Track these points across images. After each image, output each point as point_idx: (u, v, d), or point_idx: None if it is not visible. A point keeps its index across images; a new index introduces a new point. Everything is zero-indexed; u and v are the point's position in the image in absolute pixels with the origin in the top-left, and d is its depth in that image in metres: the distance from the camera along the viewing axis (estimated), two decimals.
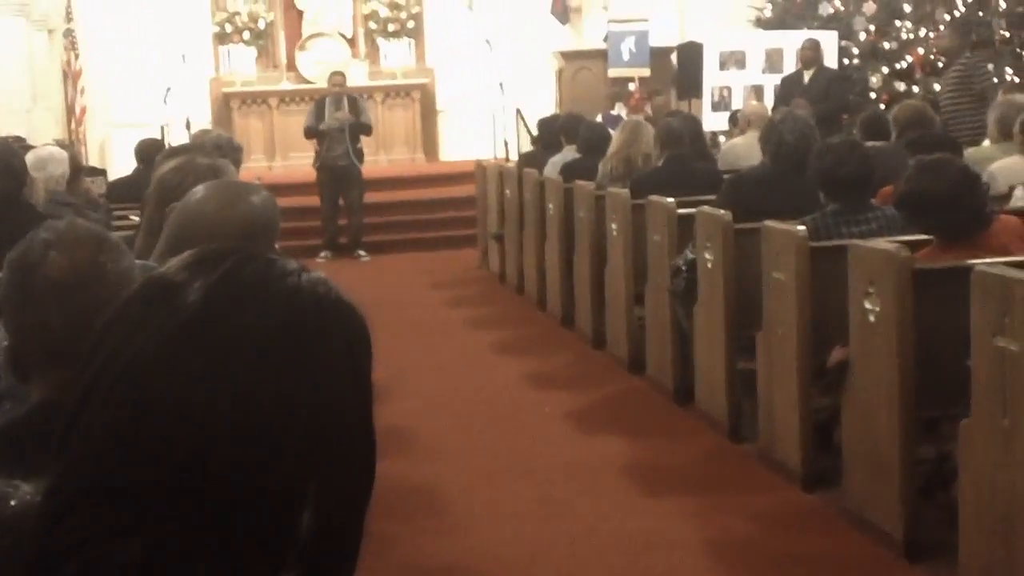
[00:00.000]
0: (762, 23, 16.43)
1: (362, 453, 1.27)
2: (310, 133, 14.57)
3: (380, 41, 19.18)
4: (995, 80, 12.49)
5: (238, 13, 18.80)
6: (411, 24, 19.19)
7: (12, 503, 1.34)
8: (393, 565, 5.17)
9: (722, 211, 6.59)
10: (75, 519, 1.17)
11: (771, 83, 14.52)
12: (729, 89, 15.01)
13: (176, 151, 7.33)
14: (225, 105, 18.63)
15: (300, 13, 19.15)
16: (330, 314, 1.25)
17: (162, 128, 16.08)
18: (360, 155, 14.44)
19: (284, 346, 1.19)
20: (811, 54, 13.06)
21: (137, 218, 6.35)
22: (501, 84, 17.14)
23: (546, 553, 5.29)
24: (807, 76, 12.93)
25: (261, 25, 18.91)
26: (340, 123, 14.13)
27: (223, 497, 1.15)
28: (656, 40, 16.37)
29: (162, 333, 1.18)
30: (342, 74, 15.14)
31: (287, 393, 1.17)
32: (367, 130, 14.56)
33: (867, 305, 5.01)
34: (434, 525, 5.68)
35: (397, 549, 5.34)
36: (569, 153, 10.43)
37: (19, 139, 12.51)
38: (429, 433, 7.16)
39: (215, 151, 8.10)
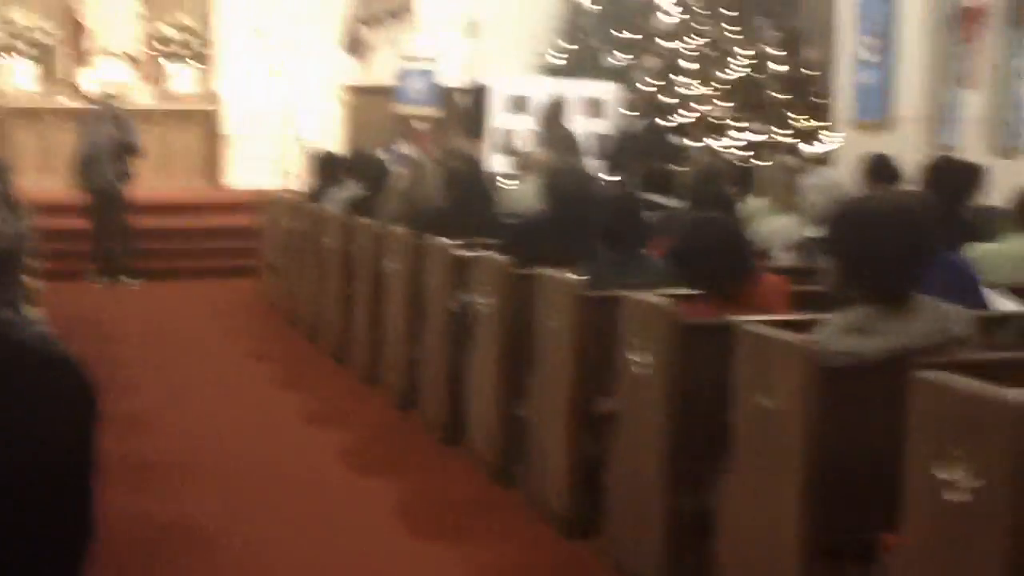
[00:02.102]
0: (549, 70, 16.72)
1: (64, 524, 1.22)
2: (78, 156, 14.13)
3: (167, 63, 18.87)
4: None
5: (20, 25, 18.30)
6: (200, 48, 18.93)
7: None
8: None
9: (500, 256, 6.64)
10: None
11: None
12: (514, 132, 15.22)
13: None
14: (3, 119, 18.08)
15: (86, 30, 18.72)
16: (43, 373, 1.20)
17: None
18: (126, 176, 14.09)
19: None
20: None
21: None
22: (287, 115, 17.03)
23: None
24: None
25: (44, 39, 18.42)
26: (107, 145, 13.79)
27: None
28: (445, 80, 16.51)
29: None
30: (107, 93, 14.90)
31: None
32: (134, 151, 14.20)
33: (635, 357, 5.10)
34: (199, 567, 5.57)
35: None
36: (353, 188, 10.40)
37: None
38: (196, 468, 7.01)
39: None
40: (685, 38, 15.24)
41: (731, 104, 14.30)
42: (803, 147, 13.96)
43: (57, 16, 18.62)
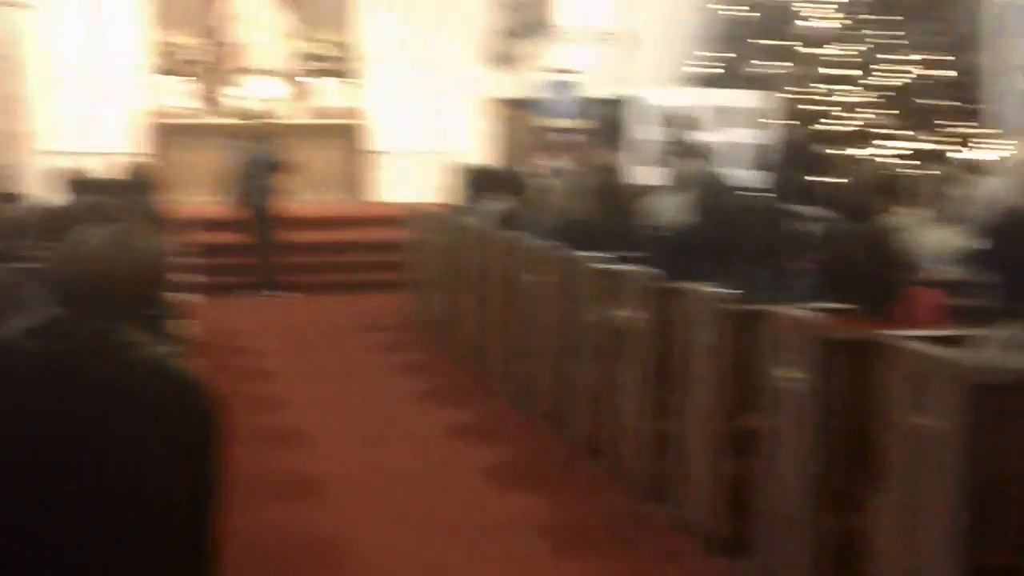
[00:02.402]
0: (696, 81, 16.57)
1: (193, 534, 1.22)
2: (230, 172, 14.44)
3: (316, 80, 19.12)
4: None
5: (175, 46, 18.70)
6: (348, 64, 19.16)
7: None
8: None
9: (649, 270, 6.57)
10: None
11: (703, 140, 14.63)
12: (672, 144, 15.10)
13: (86, 185, 7.27)
14: (157, 136, 18.48)
15: (238, 48, 19.07)
16: (165, 392, 1.21)
17: (91, 157, 15.91)
18: (277, 194, 14.33)
19: (107, 419, 1.14)
20: None
21: None
22: (435, 129, 17.13)
23: None
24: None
25: (198, 59, 18.80)
26: (257, 161, 14.05)
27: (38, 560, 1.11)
28: (590, 92, 16.43)
29: None
30: (257, 112, 15.17)
31: (103, 468, 1.12)
32: (284, 168, 14.46)
33: (782, 372, 5.00)
34: None
35: None
36: (502, 202, 10.38)
37: None
38: (343, 481, 7.06)
39: (132, 187, 8.06)
40: (837, 45, 14.98)
41: (887, 112, 14.01)
42: (962, 155, 13.62)
43: (212, 36, 18.99)
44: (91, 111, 17.17)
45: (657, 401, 6.45)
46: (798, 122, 14.83)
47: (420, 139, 17.68)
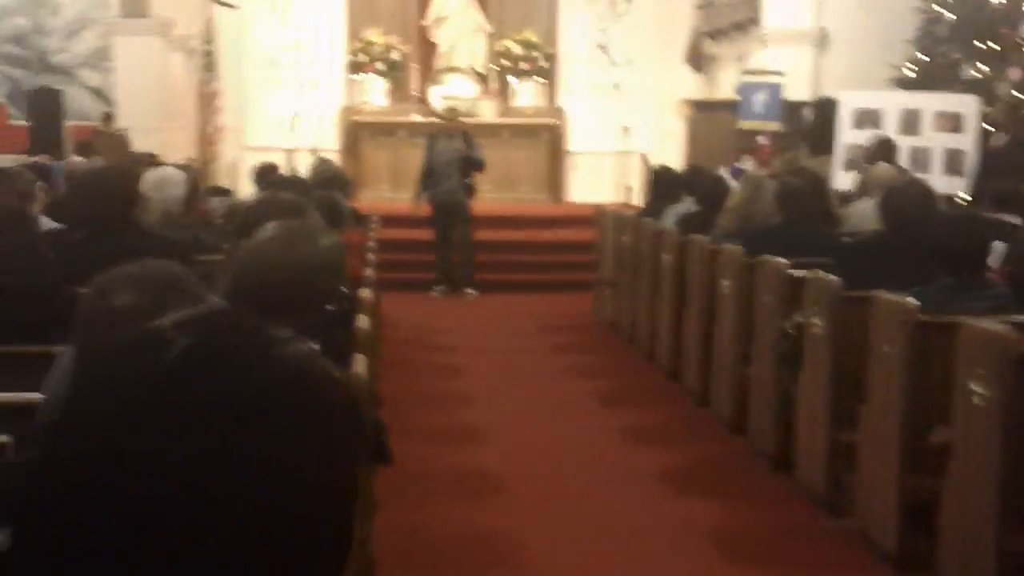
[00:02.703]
0: (901, 83, 16.14)
1: (322, 540, 1.20)
2: (426, 169, 14.45)
3: (512, 79, 19.23)
4: None
5: (373, 44, 18.99)
6: (544, 64, 19.22)
7: None
8: None
9: (833, 277, 6.41)
10: (34, 568, 1.13)
11: (906, 144, 14.27)
12: (863, 148, 14.76)
13: (275, 181, 7.39)
14: (354, 134, 18.79)
15: (434, 47, 19.29)
16: (308, 389, 1.19)
17: (288, 153, 16.26)
18: (470, 191, 14.34)
19: (251, 415, 1.13)
20: None
21: None
22: (627, 129, 17.04)
23: None
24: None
25: (395, 57, 19.07)
26: (453, 159, 14.06)
27: (179, 561, 1.10)
28: (790, 95, 16.12)
29: (136, 384, 1.14)
30: (455, 109, 15.13)
31: (245, 462, 1.11)
32: (479, 167, 14.44)
33: (973, 387, 4.83)
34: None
35: None
36: (689, 205, 10.30)
37: (152, 156, 12.69)
38: (518, 480, 7.06)
39: (326, 183, 8.17)
40: None
41: None
42: None
43: (408, 35, 19.25)
44: (294, 108, 17.52)
45: (839, 411, 6.30)
46: (1015, 128, 14.33)
47: (612, 140, 17.63)
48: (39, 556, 1.13)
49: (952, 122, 14.75)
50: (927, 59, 16.17)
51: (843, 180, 13.91)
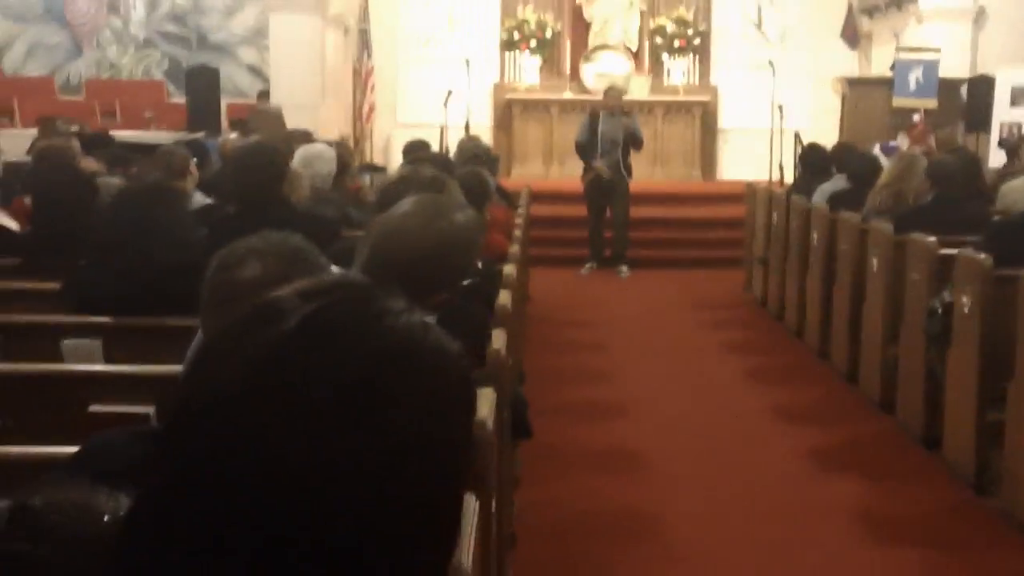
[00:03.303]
0: None
1: (442, 520, 1.20)
2: (581, 147, 14.34)
3: (664, 56, 19.13)
4: None
5: (526, 21, 19.04)
6: (697, 41, 19.09)
7: (106, 518, 1.35)
8: None
9: (983, 255, 6.32)
10: (146, 547, 1.15)
11: None
12: (1020, 126, 14.44)
13: (421, 157, 7.47)
14: (507, 111, 18.87)
15: (587, 25, 19.27)
16: (422, 362, 1.18)
17: (441, 129, 16.39)
18: (629, 170, 14.26)
19: (362, 392, 1.13)
20: None
21: None
22: (781, 107, 16.85)
23: None
24: None
25: (548, 35, 19.10)
26: (613, 136, 13.98)
27: (284, 552, 1.11)
28: (946, 72, 15.79)
29: (253, 361, 1.15)
30: (619, 87, 15.02)
31: (361, 443, 1.12)
32: (639, 144, 14.36)
33: None
34: (655, 553, 5.61)
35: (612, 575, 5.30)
36: (839, 182, 10.18)
37: (307, 133, 12.89)
38: (660, 457, 7.08)
39: (472, 159, 8.24)
40: None
41: None
42: None
43: (561, 12, 19.26)
44: (447, 85, 17.64)
45: (988, 390, 6.21)
46: None
47: (766, 117, 17.44)
48: (154, 529, 1.17)
49: None
50: None
51: (999, 158, 13.63)
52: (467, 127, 16.32)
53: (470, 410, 1.26)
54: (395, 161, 16.07)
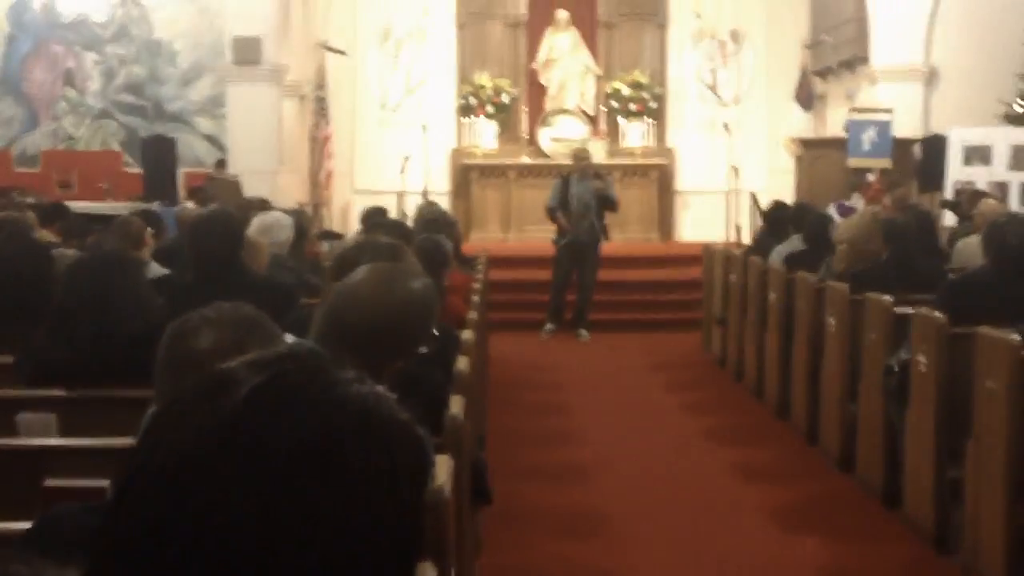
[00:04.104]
0: (1011, 119, 15.92)
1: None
2: (553, 212, 14.19)
3: (621, 120, 19.27)
4: None
5: (483, 86, 19.16)
6: (653, 104, 19.25)
7: None
8: None
9: (937, 314, 6.37)
10: None
11: (1016, 180, 14.10)
12: (972, 184, 14.59)
13: (378, 224, 7.48)
14: (465, 176, 18.95)
15: (543, 89, 19.41)
16: (374, 431, 1.19)
17: (398, 195, 16.43)
18: (606, 232, 14.20)
19: (315, 460, 1.14)
20: None
21: None
22: (736, 168, 16.98)
23: None
24: None
25: (505, 99, 19.22)
26: (584, 198, 13.93)
27: None
28: (899, 131, 15.97)
29: (202, 430, 1.16)
30: (586, 149, 14.99)
31: (312, 511, 1.12)
32: (614, 206, 14.34)
33: None
34: None
35: None
36: (795, 243, 10.26)
37: (264, 201, 12.89)
38: (624, 518, 7.07)
39: (430, 225, 8.26)
40: None
41: None
42: None
43: (517, 77, 19.40)
44: (404, 151, 17.71)
45: (947, 447, 6.25)
46: None
47: (722, 179, 17.59)
48: None
49: None
50: None
51: (952, 217, 13.77)
52: (425, 193, 16.37)
53: (423, 478, 1.27)
54: (353, 227, 16.10)
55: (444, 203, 16.64)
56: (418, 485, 1.26)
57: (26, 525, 2.30)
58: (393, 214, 13.12)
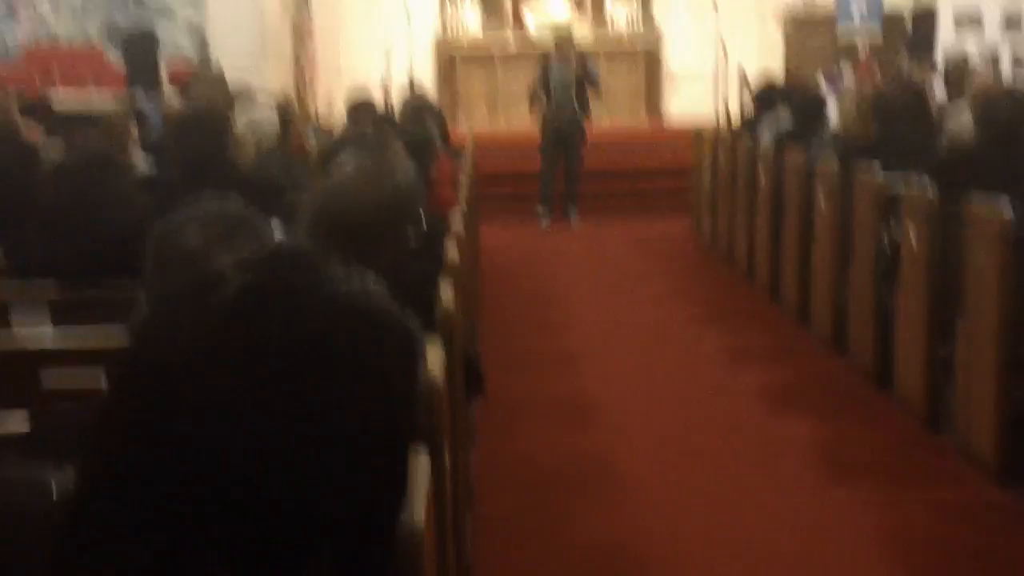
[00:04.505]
0: None
1: (383, 477, 1.21)
2: (535, 96, 14.14)
3: (607, 1, 19.05)
4: None
5: None
6: None
7: (55, 494, 1.34)
8: (564, 540, 5.15)
9: (928, 191, 6.34)
10: (95, 515, 1.15)
11: (1008, 43, 13.97)
12: (963, 54, 14.46)
13: (363, 115, 7.42)
14: (449, 63, 18.77)
15: None
16: (365, 327, 1.19)
17: (383, 84, 16.29)
18: (586, 107, 14.08)
19: (305, 355, 1.14)
20: None
21: None
22: (724, 46, 16.81)
23: (718, 535, 5.20)
24: None
25: None
26: (565, 80, 13.82)
27: (237, 506, 1.12)
28: (889, 2, 15.79)
29: (194, 328, 1.16)
30: (568, 29, 14.83)
31: (304, 404, 1.13)
32: (595, 83, 14.23)
33: None
34: (609, 499, 5.63)
35: (570, 523, 5.33)
36: (785, 121, 10.17)
37: (249, 91, 12.76)
38: (616, 404, 7.11)
39: (416, 113, 8.20)
40: None
41: None
42: None
43: None
44: (388, 39, 17.54)
45: (937, 326, 6.26)
46: None
47: (710, 58, 17.43)
48: (101, 497, 1.16)
49: None
50: None
51: (943, 89, 13.65)
52: (411, 83, 16.21)
53: (414, 368, 1.27)
54: (339, 119, 15.97)
55: (430, 91, 16.49)
56: (409, 376, 1.26)
57: (22, 425, 2.30)
58: (379, 104, 13.01)
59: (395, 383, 1.23)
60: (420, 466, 2.17)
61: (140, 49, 16.34)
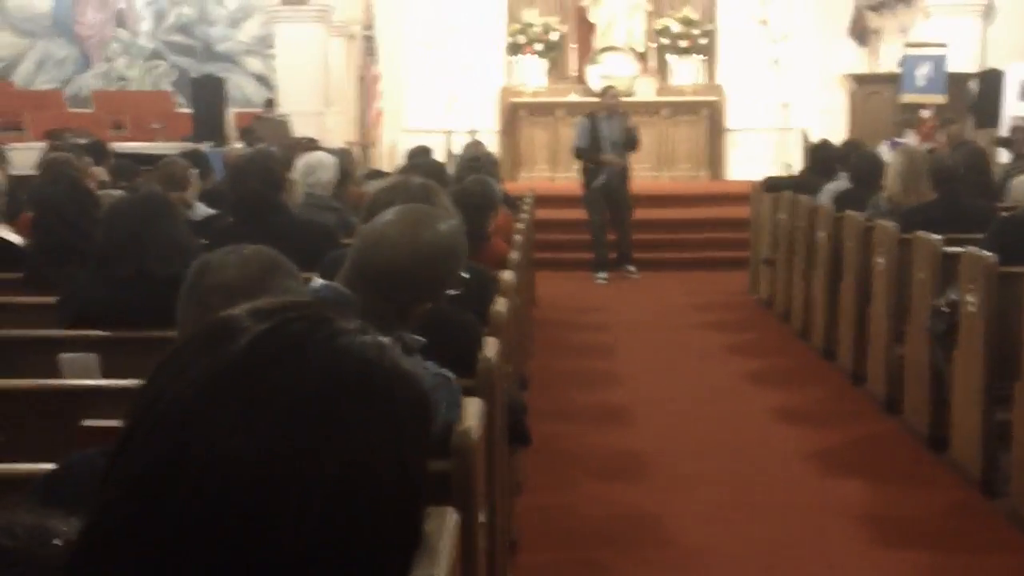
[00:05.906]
0: None
1: (392, 537, 1.19)
2: (584, 152, 14.11)
3: (670, 57, 19.10)
4: None
5: (532, 25, 19.02)
6: (703, 41, 19.06)
7: (58, 541, 1.33)
8: None
9: (987, 253, 6.27)
10: (99, 568, 1.15)
11: None
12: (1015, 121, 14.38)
13: (417, 165, 7.44)
14: (512, 114, 18.86)
15: (592, 27, 19.25)
16: (375, 383, 1.18)
17: (447, 135, 16.39)
18: (628, 170, 14.12)
19: (316, 409, 1.13)
20: None
21: None
22: (787, 105, 16.79)
23: None
24: None
25: (553, 37, 19.08)
26: (613, 138, 13.86)
27: (244, 559, 1.11)
28: (954, 67, 15.72)
29: (204, 378, 1.16)
30: (616, 88, 14.88)
31: (311, 459, 1.12)
32: (637, 145, 14.29)
33: None
34: (659, 556, 5.58)
35: None
36: (843, 182, 10.13)
37: (311, 140, 12.90)
38: (666, 460, 7.05)
39: (470, 164, 8.22)
40: None
41: None
42: None
43: (566, 14, 19.24)
44: (452, 90, 17.68)
45: (994, 389, 6.17)
46: None
47: (772, 116, 17.41)
48: (107, 545, 1.16)
49: None
50: None
51: (1007, 154, 13.57)
52: (472, 132, 16.30)
53: (426, 431, 1.25)
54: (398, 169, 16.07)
55: (492, 142, 16.58)
56: (420, 438, 1.25)
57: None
58: (440, 153, 13.09)
59: (405, 444, 1.22)
60: (447, 523, 2.15)
61: (208, 96, 16.55)
